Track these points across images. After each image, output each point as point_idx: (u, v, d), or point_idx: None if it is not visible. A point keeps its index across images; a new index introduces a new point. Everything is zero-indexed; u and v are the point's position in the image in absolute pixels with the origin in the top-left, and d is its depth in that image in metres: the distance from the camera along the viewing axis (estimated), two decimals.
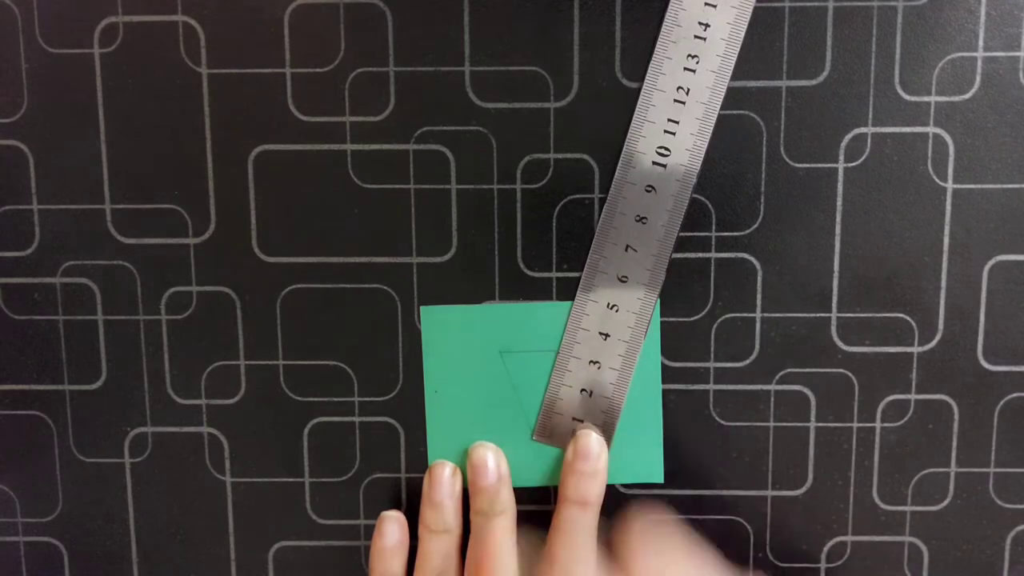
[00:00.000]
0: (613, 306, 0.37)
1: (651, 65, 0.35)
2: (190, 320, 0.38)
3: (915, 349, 0.37)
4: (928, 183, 0.36)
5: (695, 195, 0.37)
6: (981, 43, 0.36)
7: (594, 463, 0.37)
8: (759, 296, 0.37)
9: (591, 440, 0.37)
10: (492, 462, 0.37)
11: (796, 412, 0.38)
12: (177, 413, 0.39)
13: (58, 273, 0.38)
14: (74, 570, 0.40)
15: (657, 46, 0.35)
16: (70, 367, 0.38)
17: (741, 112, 0.36)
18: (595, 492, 0.36)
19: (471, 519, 0.37)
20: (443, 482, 0.37)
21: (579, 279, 0.37)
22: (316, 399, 0.38)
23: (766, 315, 0.37)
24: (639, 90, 0.36)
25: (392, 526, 0.37)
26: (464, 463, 0.38)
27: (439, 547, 0.37)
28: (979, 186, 0.36)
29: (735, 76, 0.36)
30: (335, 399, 0.38)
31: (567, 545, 0.36)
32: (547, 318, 0.37)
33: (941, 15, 0.36)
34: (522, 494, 0.38)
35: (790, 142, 0.36)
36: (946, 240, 0.37)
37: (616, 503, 0.38)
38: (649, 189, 0.35)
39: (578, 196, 0.37)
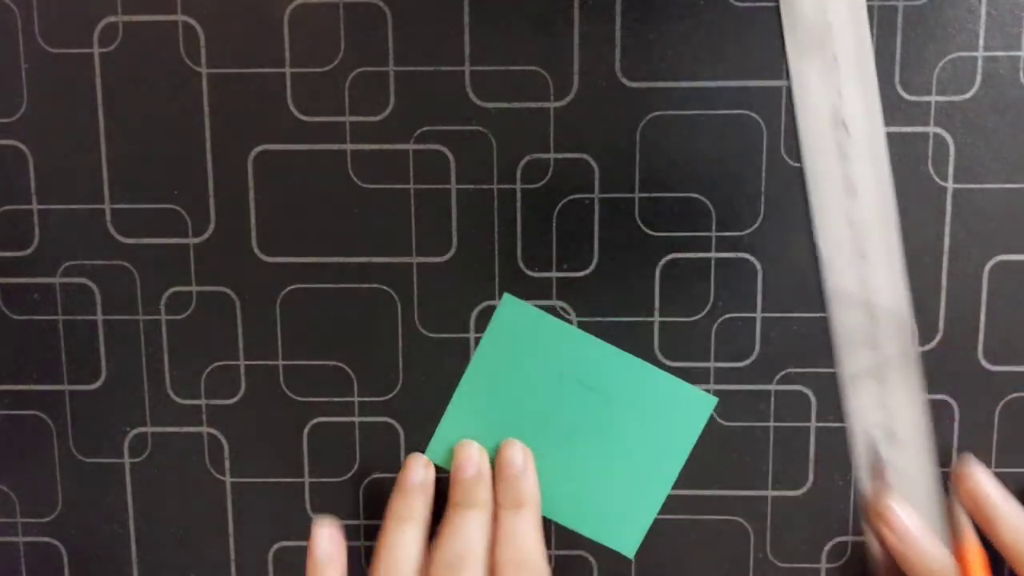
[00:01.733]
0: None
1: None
2: (190, 320, 0.38)
3: (915, 349, 0.37)
4: (928, 183, 0.36)
5: (695, 195, 0.37)
6: (981, 43, 0.36)
7: (521, 468, 0.37)
8: (759, 296, 0.37)
9: (515, 449, 0.37)
10: (476, 456, 0.37)
11: (796, 412, 0.38)
12: (177, 413, 0.39)
13: (58, 273, 0.38)
14: (74, 570, 0.40)
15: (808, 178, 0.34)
16: (70, 367, 0.38)
17: (741, 112, 0.36)
18: (528, 492, 0.37)
19: (445, 512, 0.37)
20: (415, 471, 0.37)
21: (579, 279, 0.37)
22: (316, 399, 0.38)
23: (766, 315, 0.37)
24: (639, 90, 0.36)
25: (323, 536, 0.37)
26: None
27: (402, 538, 0.36)
28: (979, 186, 0.36)
29: (735, 76, 0.36)
30: (335, 399, 0.38)
31: (513, 551, 0.36)
32: (615, 366, 0.37)
33: (941, 15, 0.36)
34: None
35: (790, 142, 0.36)
36: (946, 240, 0.37)
37: None
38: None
39: (578, 196, 0.37)
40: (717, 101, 0.36)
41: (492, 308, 0.38)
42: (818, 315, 0.37)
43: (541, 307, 0.38)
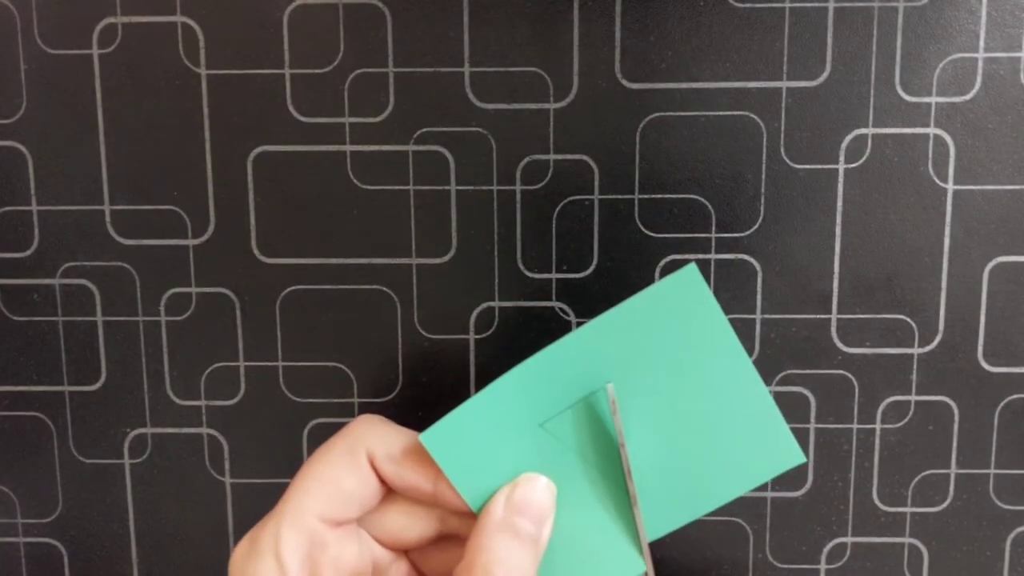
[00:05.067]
0: None
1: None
2: (189, 321, 0.38)
3: (915, 350, 0.37)
4: (929, 184, 0.36)
5: (695, 196, 0.37)
6: (982, 44, 0.35)
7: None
8: (759, 297, 0.37)
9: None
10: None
11: (796, 413, 0.38)
12: (176, 414, 0.39)
13: (57, 274, 0.38)
14: (74, 570, 0.40)
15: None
16: (69, 368, 0.38)
17: (741, 112, 0.36)
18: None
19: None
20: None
21: (579, 280, 0.37)
22: (316, 400, 0.38)
23: (766, 316, 0.37)
24: (638, 91, 0.36)
25: None
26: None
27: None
28: (979, 187, 0.36)
29: (735, 77, 0.36)
30: (335, 400, 0.38)
31: None
32: (555, 366, 0.31)
33: (942, 16, 0.35)
34: None
35: (790, 143, 0.36)
36: (946, 241, 0.37)
37: None
38: None
39: (578, 197, 0.37)
40: (717, 102, 0.36)
41: (492, 309, 0.38)
42: (818, 316, 0.37)
43: (540, 309, 0.38)
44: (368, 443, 0.31)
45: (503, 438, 0.31)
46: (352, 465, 0.31)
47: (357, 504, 0.31)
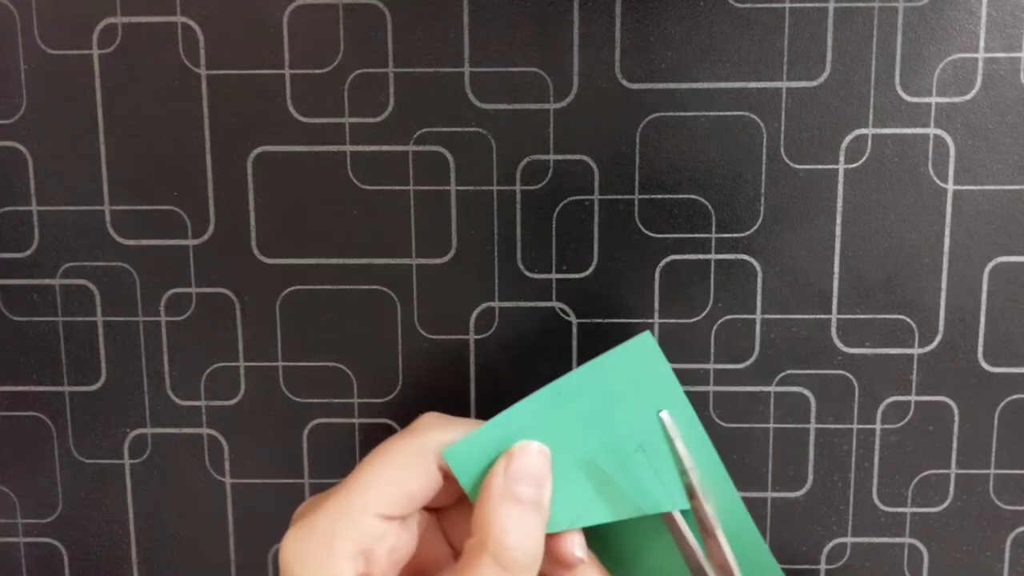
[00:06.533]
0: None
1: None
2: (189, 321, 0.38)
3: (915, 350, 0.37)
4: (929, 184, 0.36)
5: (695, 196, 0.37)
6: (982, 44, 0.35)
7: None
8: (759, 297, 0.37)
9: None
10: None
11: (796, 414, 0.38)
12: (177, 414, 0.39)
13: (57, 274, 0.38)
14: (74, 571, 0.40)
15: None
16: (69, 368, 0.38)
17: (741, 113, 0.36)
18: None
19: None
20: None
21: (579, 280, 0.37)
22: (316, 400, 0.38)
23: (766, 316, 0.37)
24: (638, 91, 0.36)
25: None
26: None
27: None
28: (980, 187, 0.36)
29: (735, 77, 0.36)
30: (335, 400, 0.38)
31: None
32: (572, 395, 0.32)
33: (942, 16, 0.35)
34: None
35: (790, 143, 0.36)
36: (946, 241, 0.37)
37: None
38: None
39: (577, 197, 0.37)
40: (717, 102, 0.36)
41: (491, 310, 0.38)
42: (818, 316, 0.37)
43: (540, 309, 0.38)
44: (440, 449, 0.32)
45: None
46: (420, 468, 0.32)
47: (420, 503, 0.32)
